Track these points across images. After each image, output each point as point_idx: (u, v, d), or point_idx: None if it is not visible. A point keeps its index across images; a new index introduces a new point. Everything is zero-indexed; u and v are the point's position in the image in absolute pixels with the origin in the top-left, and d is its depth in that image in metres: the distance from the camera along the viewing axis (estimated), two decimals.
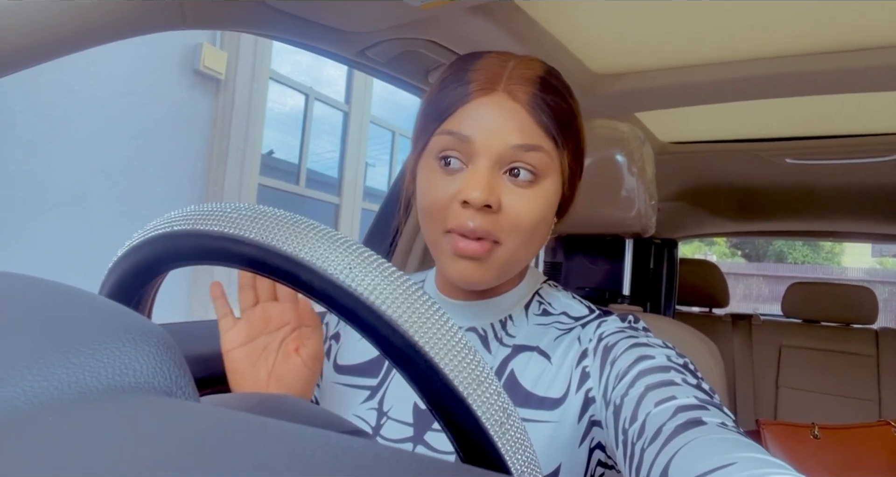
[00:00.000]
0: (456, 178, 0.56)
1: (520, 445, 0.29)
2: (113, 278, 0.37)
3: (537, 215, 0.57)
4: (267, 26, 0.79)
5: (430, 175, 0.58)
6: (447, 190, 0.56)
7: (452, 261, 0.57)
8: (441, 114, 0.57)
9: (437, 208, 0.56)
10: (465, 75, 0.58)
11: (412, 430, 0.61)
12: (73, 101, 3.26)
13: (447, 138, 0.56)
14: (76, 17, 0.58)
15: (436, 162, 0.57)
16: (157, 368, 0.18)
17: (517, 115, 0.56)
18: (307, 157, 5.26)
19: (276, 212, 0.32)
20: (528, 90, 0.56)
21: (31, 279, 0.23)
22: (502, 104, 0.56)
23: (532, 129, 0.56)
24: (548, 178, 0.57)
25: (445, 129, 0.57)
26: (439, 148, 0.57)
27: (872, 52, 1.00)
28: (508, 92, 0.56)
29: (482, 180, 0.54)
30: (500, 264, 0.57)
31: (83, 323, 0.19)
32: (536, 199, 0.56)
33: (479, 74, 0.57)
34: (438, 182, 0.57)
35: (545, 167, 0.56)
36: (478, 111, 0.56)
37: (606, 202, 0.94)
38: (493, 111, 0.55)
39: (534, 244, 0.59)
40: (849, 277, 12.28)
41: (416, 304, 0.29)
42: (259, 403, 0.36)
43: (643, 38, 1.06)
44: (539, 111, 0.56)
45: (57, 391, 0.16)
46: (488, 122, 0.55)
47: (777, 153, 1.58)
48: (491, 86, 0.56)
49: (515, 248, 0.57)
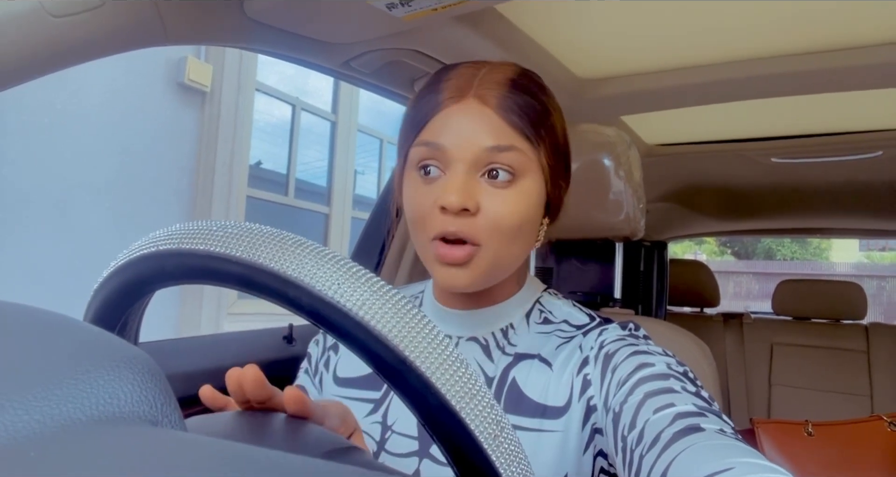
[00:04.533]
0: (435, 186, 0.57)
1: (514, 457, 0.29)
2: (99, 300, 0.37)
3: (518, 215, 0.57)
4: (250, 40, 0.79)
5: (412, 185, 0.59)
6: (427, 198, 0.57)
7: (439, 268, 0.58)
8: (416, 125, 0.59)
9: (420, 217, 0.58)
10: (438, 85, 0.60)
11: (417, 443, 0.61)
12: (57, 116, 3.24)
13: (423, 149, 0.58)
14: (58, 35, 0.57)
15: (416, 172, 0.59)
16: (141, 397, 0.18)
17: (487, 119, 0.57)
18: (295, 168, 5.25)
19: (263, 229, 0.32)
20: (497, 93, 0.57)
21: (11, 306, 0.23)
22: (472, 109, 0.57)
23: (503, 130, 0.57)
24: (527, 177, 0.58)
25: (421, 139, 0.58)
26: (418, 158, 0.58)
27: (854, 52, 1.01)
28: (478, 97, 0.57)
29: (458, 185, 0.55)
30: (484, 267, 0.58)
31: (66, 352, 0.19)
32: (516, 198, 0.57)
33: (451, 83, 0.59)
34: (419, 191, 0.58)
35: (522, 166, 0.57)
36: (449, 119, 0.57)
37: (595, 206, 0.94)
38: (463, 117, 0.57)
39: (519, 245, 0.59)
40: (837, 271, 12.38)
41: (406, 318, 0.29)
42: (247, 423, 0.36)
43: (627, 43, 1.07)
44: (509, 112, 0.57)
45: (39, 424, 0.16)
46: (459, 128, 0.57)
47: (763, 153, 1.59)
48: (461, 93, 0.58)
49: (497, 249, 0.57)
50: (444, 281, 0.58)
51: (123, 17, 0.61)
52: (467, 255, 0.56)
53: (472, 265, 0.57)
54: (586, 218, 0.95)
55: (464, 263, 0.56)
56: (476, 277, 0.58)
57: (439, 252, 0.57)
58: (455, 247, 0.56)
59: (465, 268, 0.57)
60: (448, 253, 0.56)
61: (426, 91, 0.60)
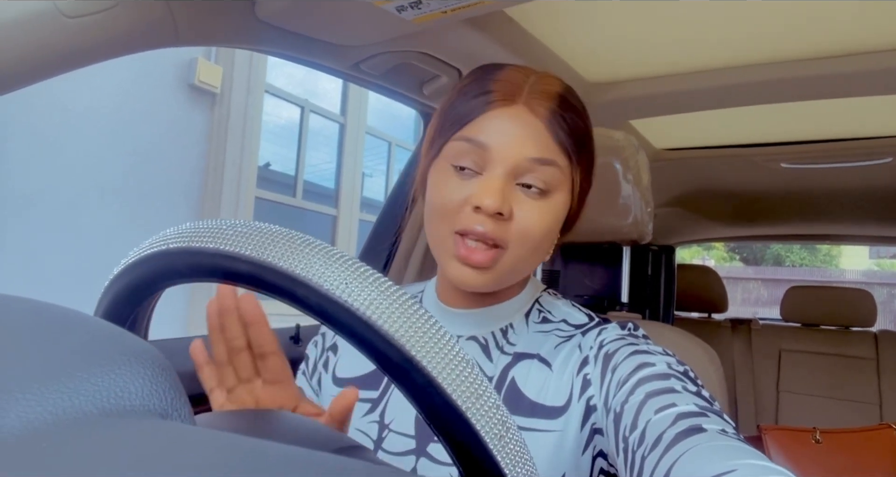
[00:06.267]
0: (470, 183, 0.57)
1: (520, 458, 0.29)
2: (109, 297, 0.37)
3: (546, 227, 0.58)
4: (260, 42, 0.79)
5: (443, 177, 0.59)
6: (460, 193, 0.57)
7: (455, 264, 0.57)
8: (460, 120, 0.58)
9: (449, 209, 0.57)
10: (487, 85, 0.59)
11: (414, 442, 0.61)
12: (67, 117, 3.26)
13: (464, 144, 0.57)
14: (70, 36, 0.58)
15: (450, 166, 0.58)
16: (152, 391, 0.18)
17: (535, 129, 0.57)
18: (304, 170, 5.27)
19: (272, 228, 0.32)
20: (547, 106, 0.58)
21: (25, 301, 0.23)
22: (522, 117, 0.57)
23: (548, 144, 0.57)
24: (558, 193, 0.59)
25: (463, 135, 0.58)
26: (455, 153, 0.58)
27: (865, 57, 1.01)
28: (528, 105, 0.57)
29: (496, 188, 0.55)
30: (503, 271, 0.58)
31: (77, 346, 0.19)
32: (546, 211, 0.58)
33: (501, 85, 0.58)
34: (452, 184, 0.58)
35: (557, 182, 0.58)
36: (497, 121, 0.57)
37: (603, 210, 0.94)
38: (512, 122, 0.57)
39: (538, 255, 0.60)
40: (847, 278, 12.28)
41: (413, 318, 0.29)
42: (255, 420, 0.36)
43: (636, 47, 1.06)
44: (557, 127, 0.57)
45: (51, 416, 0.16)
46: (507, 132, 0.56)
47: (772, 158, 1.58)
48: (512, 98, 0.58)
49: (520, 256, 0.58)
50: (458, 278, 0.58)
51: (136, 19, 0.62)
52: (492, 259, 0.56)
53: (493, 269, 0.57)
54: (594, 221, 0.95)
55: (486, 267, 0.57)
56: (492, 280, 0.58)
57: (461, 253, 0.56)
58: (479, 251, 0.56)
59: (485, 271, 0.57)
60: (471, 255, 0.56)
61: (473, 86, 0.60)
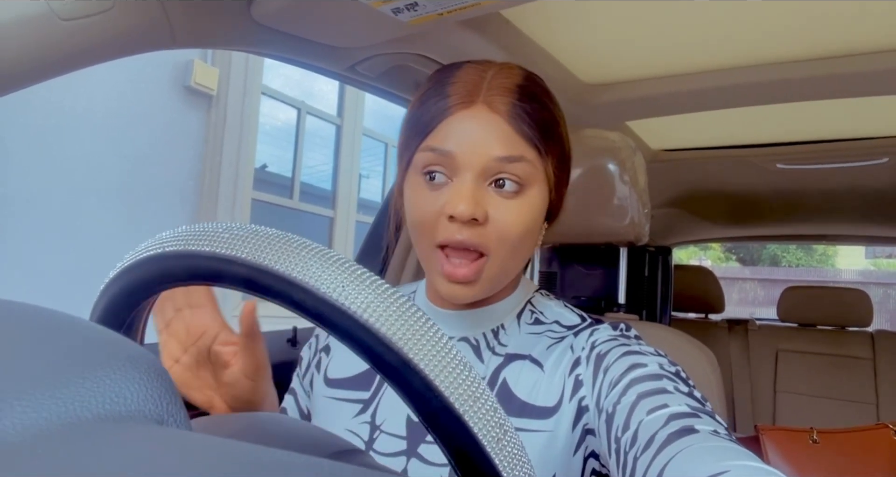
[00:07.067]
0: (442, 193, 0.56)
1: (517, 460, 0.29)
2: (105, 300, 0.37)
3: (524, 225, 0.57)
4: (256, 44, 0.79)
5: (416, 191, 0.58)
6: (434, 205, 0.56)
7: (443, 282, 0.57)
8: (422, 129, 0.58)
9: (426, 223, 0.57)
10: (444, 88, 0.58)
11: (405, 443, 0.61)
12: (63, 119, 3.25)
13: (430, 154, 0.57)
14: (66, 38, 0.58)
15: (421, 177, 0.58)
16: (147, 396, 0.18)
17: (497, 127, 0.56)
18: (300, 171, 5.26)
19: (268, 231, 0.32)
20: (507, 100, 0.56)
21: (18, 306, 0.23)
22: (482, 116, 0.56)
23: (514, 140, 0.56)
24: (533, 187, 0.58)
25: (427, 145, 0.57)
26: (423, 164, 0.57)
27: (860, 58, 1.01)
28: (488, 103, 0.56)
29: (467, 194, 0.54)
30: (489, 278, 0.58)
31: (72, 351, 0.19)
32: (523, 208, 0.57)
33: (458, 87, 0.57)
34: (425, 197, 0.57)
35: (530, 177, 0.57)
36: (458, 125, 0.56)
37: (599, 211, 0.94)
38: (473, 124, 0.56)
39: (522, 253, 0.60)
40: (843, 278, 12.31)
41: (410, 320, 0.29)
42: (252, 425, 0.36)
43: (632, 48, 1.07)
44: (519, 121, 0.56)
45: (46, 423, 0.16)
46: (469, 135, 0.55)
47: (767, 159, 1.59)
48: (470, 98, 0.56)
49: (504, 259, 0.57)
50: (447, 295, 0.58)
51: (132, 21, 0.61)
52: (475, 273, 0.56)
53: (479, 281, 0.57)
54: (591, 223, 0.95)
55: (471, 280, 0.56)
56: (481, 290, 0.58)
57: (445, 270, 0.56)
58: (461, 266, 0.56)
59: (472, 284, 0.57)
60: (455, 272, 0.56)
61: (431, 93, 0.59)
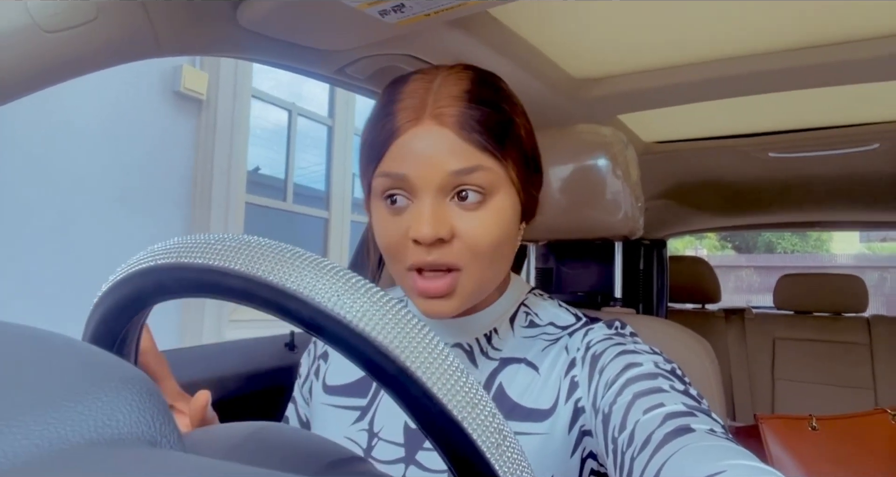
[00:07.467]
0: (405, 217, 0.55)
1: (517, 465, 0.29)
2: (98, 314, 0.37)
3: (494, 235, 0.55)
4: (243, 49, 0.79)
5: (380, 216, 0.57)
6: (398, 229, 0.55)
7: (420, 300, 0.56)
8: (375, 155, 0.56)
9: (393, 248, 0.56)
10: (391, 107, 0.56)
11: (403, 450, 0.61)
12: (53, 128, 3.24)
13: (385, 180, 0.55)
14: (51, 50, 0.57)
15: (382, 202, 0.56)
16: (140, 417, 0.18)
17: (447, 141, 0.53)
18: (293, 173, 5.25)
19: (261, 241, 0.32)
20: (454, 111, 0.54)
21: (9, 327, 0.23)
22: (431, 132, 0.53)
23: (466, 151, 0.53)
24: (498, 194, 0.55)
25: (381, 170, 0.55)
26: (381, 189, 0.56)
27: (848, 46, 1.01)
28: (435, 117, 0.54)
29: (428, 216, 0.52)
30: (467, 292, 0.56)
31: (62, 373, 0.19)
32: (490, 218, 0.55)
33: (404, 104, 0.55)
34: (388, 222, 0.56)
35: (491, 184, 0.54)
36: (408, 146, 0.54)
37: (593, 206, 0.94)
38: (422, 142, 0.53)
39: (499, 262, 0.58)
40: (838, 263, 12.36)
41: (406, 328, 0.29)
42: (251, 435, 0.36)
43: (622, 42, 1.07)
44: (470, 130, 0.53)
45: (37, 448, 0.16)
46: (420, 154, 0.53)
47: (760, 148, 1.59)
48: (417, 114, 0.54)
49: (478, 272, 0.56)
50: (427, 311, 0.56)
51: (116, 31, 0.61)
52: (449, 286, 0.54)
53: (455, 294, 0.55)
54: (584, 218, 0.95)
55: (445, 294, 0.55)
56: (460, 304, 0.56)
57: (419, 287, 0.55)
58: (434, 279, 0.54)
59: (448, 298, 0.55)
60: (429, 287, 0.54)
61: (380, 114, 0.57)
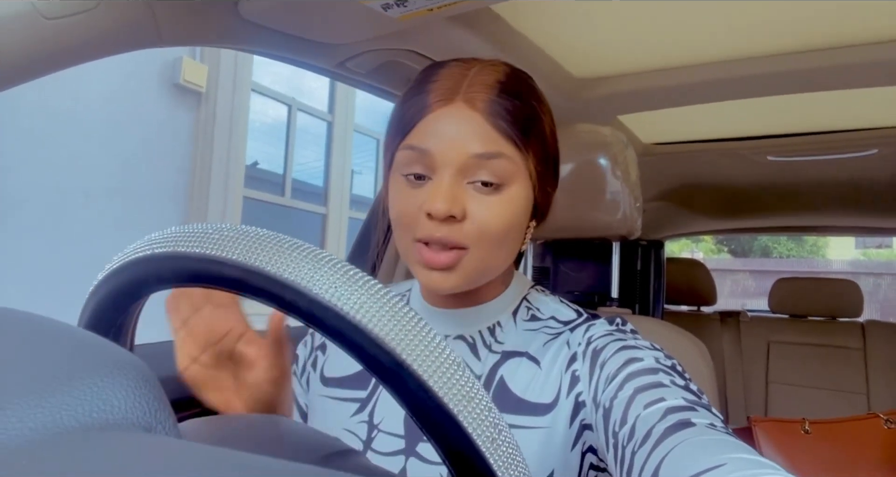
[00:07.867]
0: (422, 190, 0.57)
1: (512, 460, 0.29)
2: (94, 302, 0.36)
3: (505, 222, 0.56)
4: (244, 41, 0.78)
5: (397, 189, 0.59)
6: (414, 201, 0.56)
7: (423, 271, 0.57)
8: (402, 128, 0.58)
9: (405, 219, 0.57)
10: (425, 86, 0.58)
11: (404, 442, 0.61)
12: (52, 118, 3.23)
13: (410, 152, 0.57)
14: (51, 37, 0.57)
15: (402, 176, 0.58)
16: (135, 403, 0.18)
17: (475, 124, 0.55)
18: (292, 168, 5.24)
19: (259, 231, 0.32)
20: (486, 97, 0.56)
21: (4, 311, 0.22)
22: (460, 113, 0.56)
23: (491, 137, 0.55)
24: (514, 184, 0.57)
25: (407, 144, 0.57)
26: (404, 162, 0.57)
27: (849, 50, 1.02)
28: (467, 100, 0.56)
29: (444, 192, 0.54)
30: (469, 270, 0.57)
31: (59, 358, 0.19)
32: (503, 205, 0.56)
33: (439, 85, 0.57)
34: (405, 195, 0.57)
35: (509, 174, 0.56)
36: (436, 123, 0.56)
37: (592, 206, 0.94)
38: (450, 122, 0.55)
39: (505, 250, 0.59)
40: (834, 269, 12.40)
41: (403, 321, 0.29)
42: (248, 426, 0.36)
43: (623, 42, 1.07)
44: (498, 118, 0.56)
45: (31, 433, 0.16)
46: (446, 133, 0.55)
47: (758, 151, 1.59)
48: (449, 96, 0.56)
49: (484, 254, 0.57)
50: (429, 284, 0.57)
51: (117, 19, 0.61)
52: (453, 260, 0.56)
53: (457, 269, 0.57)
54: (583, 218, 0.95)
55: (449, 267, 0.56)
56: (461, 280, 0.57)
57: (424, 257, 0.56)
58: (440, 252, 0.56)
59: (450, 272, 0.57)
60: (433, 258, 0.56)
61: (414, 91, 0.59)
